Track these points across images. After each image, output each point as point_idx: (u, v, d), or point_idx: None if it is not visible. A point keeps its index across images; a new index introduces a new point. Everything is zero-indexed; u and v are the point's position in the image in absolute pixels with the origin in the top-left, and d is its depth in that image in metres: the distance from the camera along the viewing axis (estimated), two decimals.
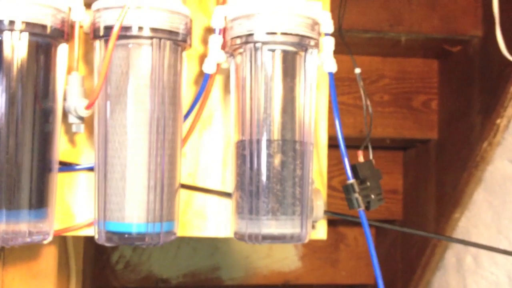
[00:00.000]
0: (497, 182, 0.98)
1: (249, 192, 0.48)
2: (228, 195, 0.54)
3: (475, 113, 0.98)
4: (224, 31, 0.51)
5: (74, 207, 0.53)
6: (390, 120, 1.10)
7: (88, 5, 0.49)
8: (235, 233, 0.50)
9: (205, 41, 0.56)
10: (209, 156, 0.55)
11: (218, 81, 0.55)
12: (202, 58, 0.56)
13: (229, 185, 0.55)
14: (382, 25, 0.96)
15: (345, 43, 0.56)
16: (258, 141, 0.48)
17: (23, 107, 0.46)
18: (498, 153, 0.96)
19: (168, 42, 0.47)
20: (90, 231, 0.52)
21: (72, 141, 0.53)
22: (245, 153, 0.49)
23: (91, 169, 0.53)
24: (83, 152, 0.53)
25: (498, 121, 0.91)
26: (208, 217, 0.54)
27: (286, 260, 1.41)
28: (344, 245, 1.41)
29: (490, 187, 1.00)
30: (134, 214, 0.47)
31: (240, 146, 0.49)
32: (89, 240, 1.02)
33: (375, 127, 1.05)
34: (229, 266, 1.38)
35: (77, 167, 0.53)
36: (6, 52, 0.45)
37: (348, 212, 0.56)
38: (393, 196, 1.28)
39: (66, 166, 0.52)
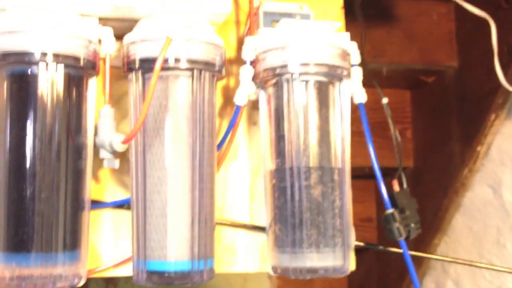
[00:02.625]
0: (477, 208, 1.01)
1: (291, 224, 0.47)
2: (258, 228, 0.53)
3: (453, 141, 1.02)
4: (253, 62, 0.50)
5: (99, 246, 0.50)
6: (367, 150, 1.12)
7: (116, 37, 0.47)
8: (275, 268, 0.49)
9: (226, 72, 0.55)
10: (236, 189, 0.54)
11: (244, 113, 0.55)
12: (225, 89, 0.55)
13: (258, 218, 0.54)
14: (365, 56, 0.98)
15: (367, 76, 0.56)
16: (298, 172, 0.47)
17: (57, 143, 0.43)
18: (477, 179, 0.99)
19: (207, 73, 0.46)
20: (119, 272, 0.50)
21: (96, 177, 0.51)
22: (284, 184, 0.48)
23: (118, 205, 0.50)
24: (107, 189, 0.51)
25: (479, 148, 0.95)
26: (238, 252, 0.53)
27: None
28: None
29: (470, 213, 1.03)
30: (177, 252, 0.45)
31: (277, 176, 0.49)
32: None
33: (355, 156, 1.06)
34: None
35: (106, 204, 0.50)
36: (39, 86, 0.43)
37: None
38: (368, 224, 1.29)
39: (95, 204, 0.50)
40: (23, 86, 0.43)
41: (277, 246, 0.48)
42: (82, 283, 0.45)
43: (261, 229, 0.53)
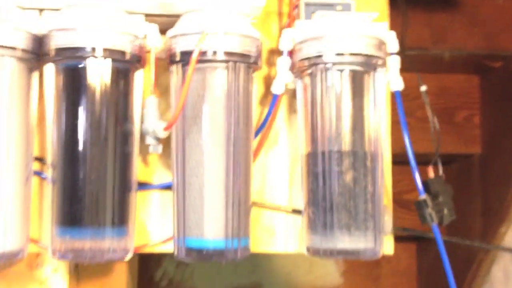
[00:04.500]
0: None
1: (322, 207, 0.49)
2: (295, 211, 0.56)
3: None
4: (291, 53, 0.52)
5: (148, 224, 0.55)
6: (431, 136, 1.10)
7: (161, 32, 0.51)
8: (308, 248, 0.51)
9: (268, 63, 0.58)
10: (276, 174, 0.57)
11: (283, 101, 0.57)
12: (266, 79, 0.58)
13: (297, 202, 0.56)
14: (425, 42, 0.97)
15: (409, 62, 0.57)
16: (330, 157, 0.49)
17: (106, 130, 0.48)
18: None
19: (242, 65, 0.49)
20: (165, 248, 0.54)
21: (145, 161, 0.55)
22: (317, 169, 0.50)
23: (165, 187, 0.55)
24: (155, 172, 0.55)
25: None
26: (277, 233, 0.56)
27: (328, 276, 1.41)
28: (386, 261, 1.41)
29: None
30: (212, 231, 0.48)
31: (311, 162, 0.51)
32: (136, 256, 1.04)
33: (417, 142, 1.05)
34: (271, 283, 1.39)
35: (153, 186, 0.55)
36: (90, 78, 0.47)
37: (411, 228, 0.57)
38: None
39: (143, 185, 0.54)
40: (75, 78, 0.48)
41: (310, 228, 0.51)
42: (129, 257, 0.49)
43: (299, 211, 0.55)
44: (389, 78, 0.53)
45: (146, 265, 1.32)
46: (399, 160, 0.58)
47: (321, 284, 1.41)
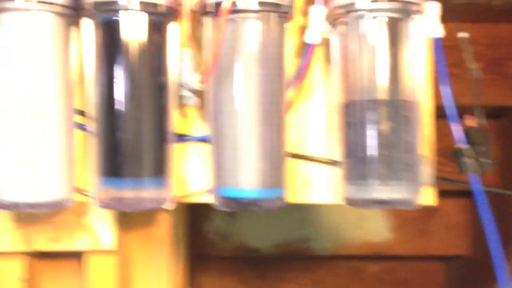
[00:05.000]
0: None
1: (358, 157, 0.49)
2: (332, 162, 0.56)
3: None
4: (326, 1, 0.52)
5: (187, 176, 0.56)
6: (483, 88, 1.07)
7: None
8: (344, 199, 0.51)
9: (303, 12, 0.57)
10: (313, 125, 0.56)
11: (319, 52, 0.56)
12: (302, 29, 0.57)
13: (334, 152, 0.56)
14: None
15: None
16: (366, 106, 0.49)
17: (142, 82, 0.49)
18: None
19: (273, 15, 0.49)
20: (203, 199, 0.56)
21: (183, 113, 0.56)
22: (352, 119, 0.50)
23: (203, 140, 0.56)
24: (193, 124, 0.56)
25: None
26: (314, 184, 0.56)
27: (377, 231, 1.41)
28: (437, 216, 1.39)
29: None
30: (247, 181, 0.49)
31: (347, 112, 0.50)
32: (184, 209, 1.06)
33: (466, 95, 1.02)
34: (319, 237, 1.40)
35: (190, 137, 0.56)
36: (125, 31, 0.48)
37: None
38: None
39: (181, 137, 0.55)
40: (111, 32, 0.49)
41: (347, 178, 0.51)
42: (168, 205, 0.51)
43: (336, 162, 0.55)
44: (428, 25, 0.51)
45: (195, 218, 1.35)
46: None
47: (370, 239, 1.41)
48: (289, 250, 1.40)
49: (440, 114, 0.55)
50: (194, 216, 1.31)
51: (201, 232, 1.39)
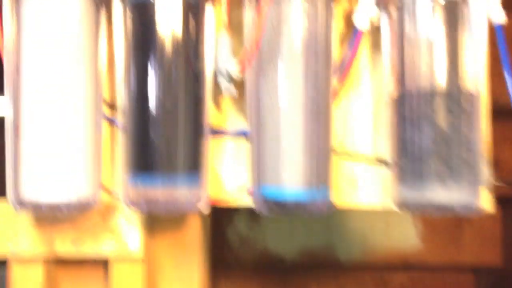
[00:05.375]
0: None
1: (413, 156, 0.45)
2: (380, 161, 0.51)
3: None
4: None
5: (222, 173, 0.52)
6: None
7: None
8: (397, 202, 0.46)
9: None
10: (358, 120, 0.52)
11: (366, 39, 0.52)
12: (346, 14, 0.52)
13: (381, 150, 0.51)
14: None
15: None
16: (422, 98, 0.44)
17: (178, 71, 0.45)
18: None
19: None
20: (240, 201, 0.51)
21: (217, 105, 0.52)
22: (406, 113, 0.45)
23: (239, 134, 0.51)
24: (229, 117, 0.52)
25: None
26: (359, 185, 0.51)
27: (406, 239, 1.36)
28: (468, 224, 1.34)
29: None
30: (291, 179, 0.45)
31: (400, 105, 0.46)
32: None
33: None
34: (345, 245, 1.35)
35: (227, 132, 0.51)
36: (159, 14, 0.44)
37: None
38: None
39: (217, 131, 0.51)
40: (143, 15, 0.45)
41: (400, 179, 0.46)
42: (202, 206, 0.47)
43: (384, 161, 0.51)
44: (489, 11, 0.46)
45: (218, 221, 1.31)
46: None
47: (398, 247, 1.35)
48: (313, 258, 1.35)
49: None
50: (216, 219, 1.27)
51: (222, 236, 1.34)
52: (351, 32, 0.52)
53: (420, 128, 0.44)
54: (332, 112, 0.47)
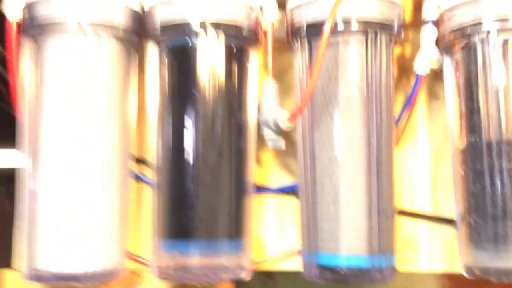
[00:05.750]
0: None
1: (490, 215, 0.39)
2: (443, 220, 0.45)
3: None
4: (436, 23, 0.43)
5: (263, 236, 0.46)
6: None
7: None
8: (470, 268, 0.40)
9: None
10: (415, 174, 0.46)
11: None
12: (399, 58, 0.48)
13: (443, 208, 0.46)
14: None
15: None
16: (500, 149, 0.39)
17: (219, 122, 0.39)
18: None
19: (383, 36, 0.40)
20: (284, 265, 0.45)
21: (258, 160, 0.46)
22: (480, 166, 0.40)
23: (283, 191, 0.46)
24: (271, 173, 0.46)
25: None
26: (420, 248, 0.46)
27: None
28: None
29: None
30: (351, 245, 0.39)
31: (471, 157, 0.40)
32: None
33: None
34: None
35: (271, 189, 0.46)
36: (200, 59, 0.39)
37: None
38: None
39: (260, 189, 0.45)
40: (182, 60, 0.40)
41: (473, 242, 0.40)
42: (247, 275, 0.41)
43: (448, 221, 0.45)
44: None
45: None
46: None
47: None
48: None
49: None
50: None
51: None
52: (403, 77, 0.47)
53: (498, 183, 0.39)
54: (395, 167, 0.41)
